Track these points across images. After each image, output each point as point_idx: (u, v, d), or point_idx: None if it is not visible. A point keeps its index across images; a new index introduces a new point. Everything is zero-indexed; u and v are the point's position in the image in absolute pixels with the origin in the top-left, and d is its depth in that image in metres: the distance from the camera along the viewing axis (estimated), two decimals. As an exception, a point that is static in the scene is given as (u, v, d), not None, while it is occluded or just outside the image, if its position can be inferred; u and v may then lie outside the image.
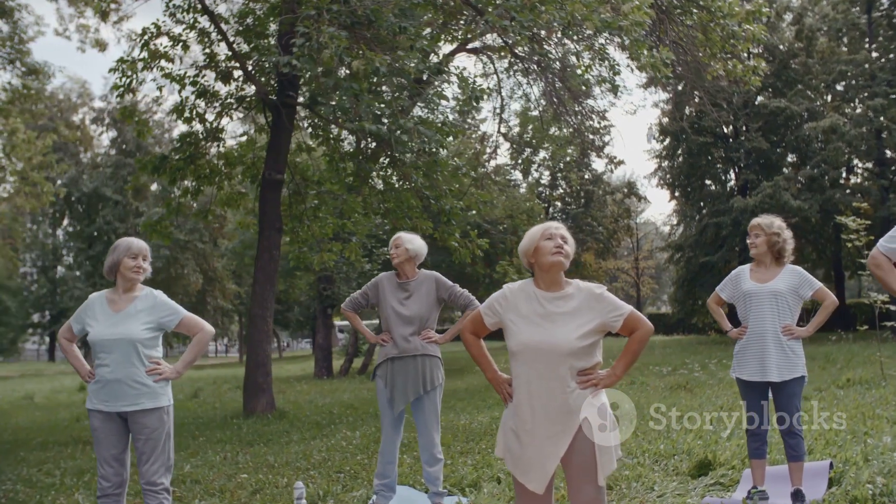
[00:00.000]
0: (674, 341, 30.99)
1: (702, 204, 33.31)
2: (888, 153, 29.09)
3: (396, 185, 14.29)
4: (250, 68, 13.36)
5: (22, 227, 49.12)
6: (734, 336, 5.54)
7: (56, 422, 14.48)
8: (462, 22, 16.15)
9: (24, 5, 20.43)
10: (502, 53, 17.70)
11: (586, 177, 40.21)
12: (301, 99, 14.20)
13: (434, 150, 12.95)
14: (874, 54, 29.80)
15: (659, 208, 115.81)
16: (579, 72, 13.91)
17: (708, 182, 33.54)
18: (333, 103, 11.71)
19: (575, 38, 13.31)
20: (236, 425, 11.72)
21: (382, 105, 12.08)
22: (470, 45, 18.69)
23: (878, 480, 5.33)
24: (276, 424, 11.61)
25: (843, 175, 30.63)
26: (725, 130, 31.64)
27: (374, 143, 13.49)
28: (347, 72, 11.01)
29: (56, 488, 7.23)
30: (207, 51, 13.61)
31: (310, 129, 15.82)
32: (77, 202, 49.43)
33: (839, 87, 30.54)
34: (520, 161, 38.76)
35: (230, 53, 13.33)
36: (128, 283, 4.59)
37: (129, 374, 4.43)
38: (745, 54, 15.57)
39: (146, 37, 12.86)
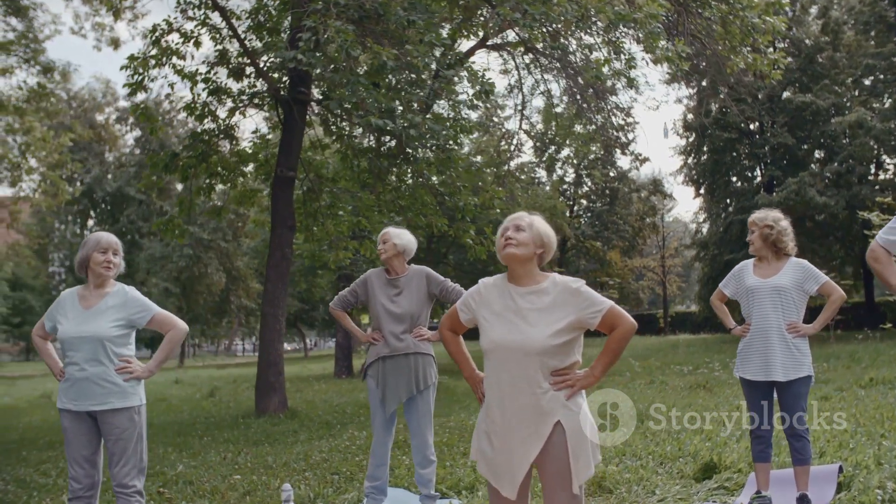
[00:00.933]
0: (699, 340, 30.58)
1: (728, 201, 32.89)
2: (918, 148, 28.55)
3: (410, 182, 14.14)
4: (262, 65, 13.24)
5: (49, 228, 49.53)
6: (737, 333, 5.34)
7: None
8: (481, 18, 15.99)
9: (38, 4, 20.48)
10: (520, 49, 17.51)
11: (611, 174, 39.87)
12: (317, 94, 14.06)
13: (451, 146, 12.78)
14: (903, 48, 29.22)
15: (687, 206, 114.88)
16: (596, 66, 13.69)
17: (733, 178, 33.10)
18: (345, 98, 11.58)
19: (591, 30, 13.10)
20: (245, 425, 11.61)
21: (396, 101, 11.92)
22: (490, 42, 18.50)
23: (888, 485, 5.09)
24: (286, 424, 11.47)
25: (872, 171, 30.10)
26: (751, 126, 31.21)
27: (393, 141, 13.33)
28: (365, 67, 10.90)
29: (47, 489, 7.13)
30: (219, 47, 13.51)
31: (322, 126, 15.69)
32: (101, 201, 49.75)
33: (866, 82, 29.98)
34: (543, 158, 38.44)
35: (242, 50, 13.23)
36: (98, 278, 4.44)
37: (98, 372, 4.29)
38: (770, 48, 15.23)
39: (157, 33, 12.80)
